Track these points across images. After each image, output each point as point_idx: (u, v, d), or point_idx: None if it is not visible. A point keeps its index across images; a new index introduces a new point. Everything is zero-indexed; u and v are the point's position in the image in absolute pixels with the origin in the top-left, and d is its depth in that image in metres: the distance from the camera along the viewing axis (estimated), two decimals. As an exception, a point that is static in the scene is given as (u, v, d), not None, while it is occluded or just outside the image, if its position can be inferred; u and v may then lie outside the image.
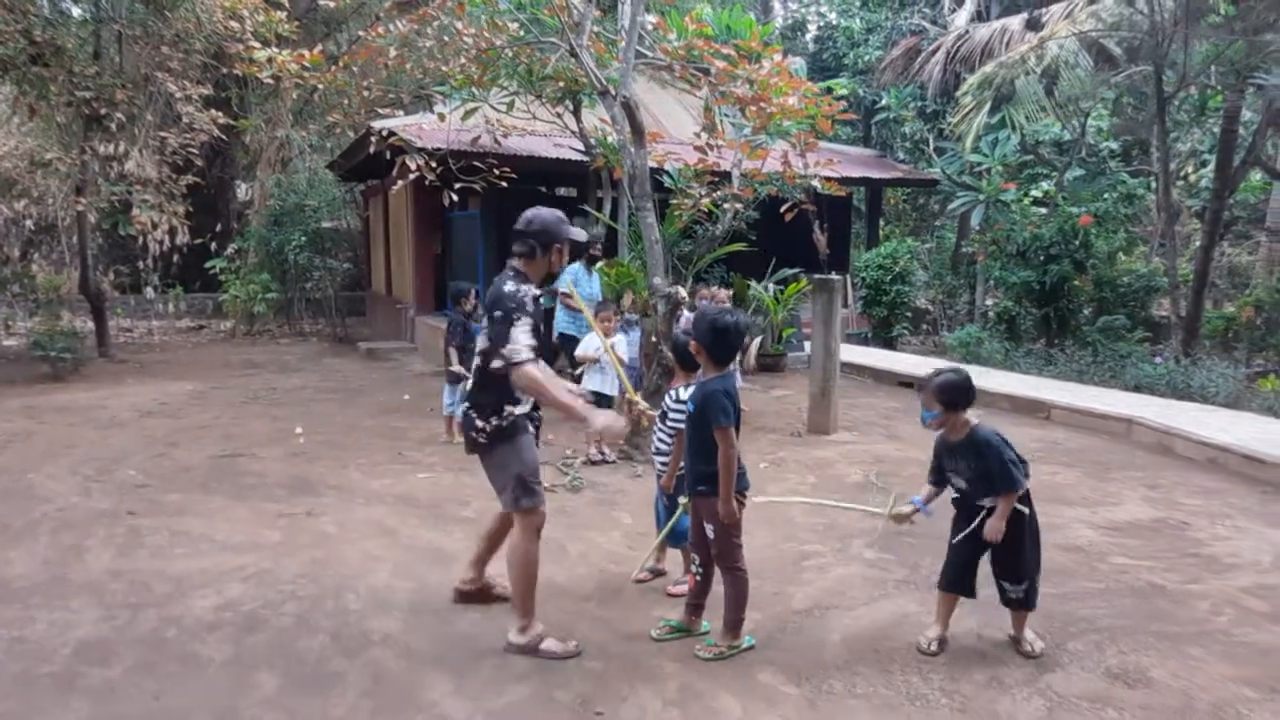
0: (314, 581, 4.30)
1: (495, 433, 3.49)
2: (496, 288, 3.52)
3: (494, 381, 3.45)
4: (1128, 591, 4.26)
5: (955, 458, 3.60)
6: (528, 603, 3.57)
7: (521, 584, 3.56)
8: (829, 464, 6.83)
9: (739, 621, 3.61)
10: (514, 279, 3.53)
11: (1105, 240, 12.44)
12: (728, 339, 3.55)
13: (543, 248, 3.62)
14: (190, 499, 5.72)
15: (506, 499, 3.58)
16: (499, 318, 3.40)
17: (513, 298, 3.43)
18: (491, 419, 3.48)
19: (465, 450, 3.67)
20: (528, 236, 3.60)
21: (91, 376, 11.15)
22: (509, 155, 11.09)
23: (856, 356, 11.75)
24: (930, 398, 3.57)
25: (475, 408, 3.53)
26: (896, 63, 14.83)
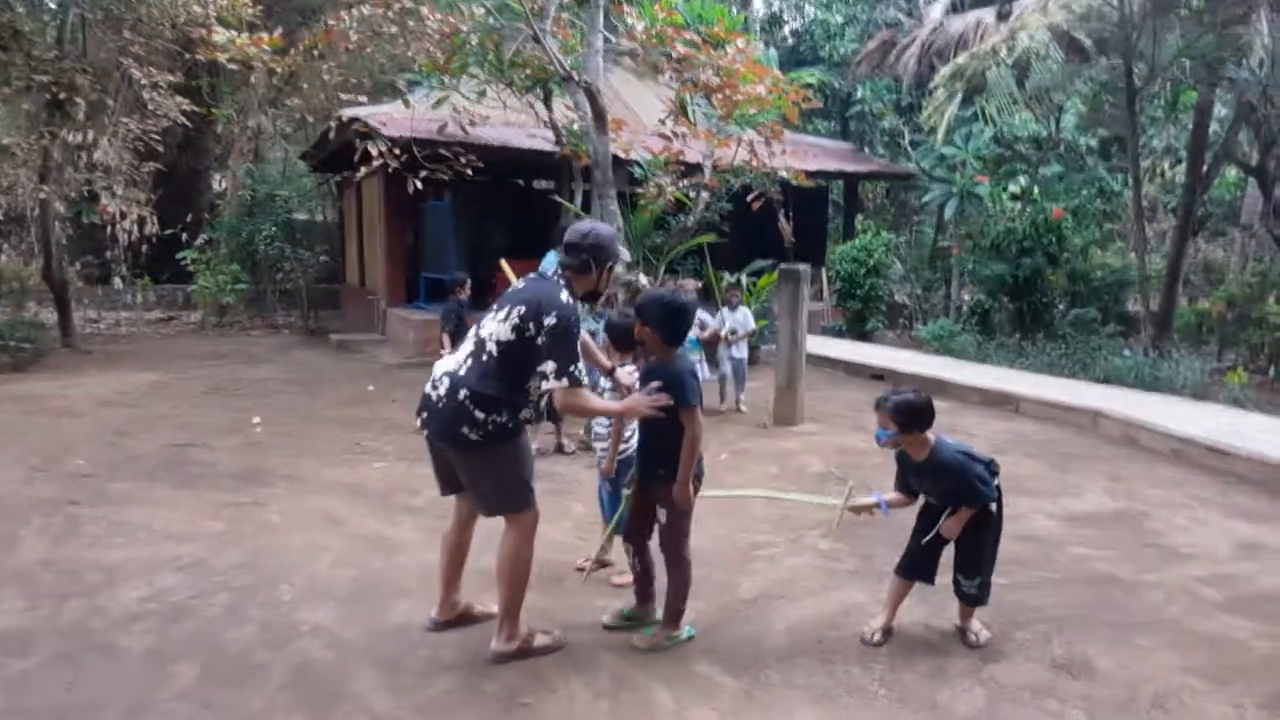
0: (250, 571, 4.18)
1: (498, 432, 3.17)
2: (548, 292, 3.20)
3: (504, 381, 3.16)
4: (1082, 581, 4.21)
5: (919, 478, 3.52)
6: (518, 610, 3.34)
7: (516, 590, 3.31)
8: (792, 455, 6.76)
9: (680, 612, 3.52)
10: (567, 289, 3.25)
11: (1080, 235, 12.43)
12: (680, 320, 3.42)
13: (597, 264, 3.32)
14: (135, 488, 5.58)
15: (503, 503, 3.30)
16: (557, 328, 3.10)
17: (573, 310, 3.19)
18: (494, 416, 3.14)
19: (434, 440, 3.28)
20: (582, 250, 3.30)
21: (53, 366, 10.93)
22: (479, 145, 10.97)
23: (829, 349, 11.70)
24: (885, 417, 3.42)
25: (474, 398, 3.13)
26: (872, 55, 14.77)
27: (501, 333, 3.19)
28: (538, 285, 3.28)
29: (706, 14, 9.86)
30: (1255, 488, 5.75)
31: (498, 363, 3.18)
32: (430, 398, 3.26)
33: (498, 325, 3.21)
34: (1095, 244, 13.28)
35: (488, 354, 3.20)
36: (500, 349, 3.18)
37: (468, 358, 3.25)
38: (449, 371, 3.24)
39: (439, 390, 3.22)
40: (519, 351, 3.17)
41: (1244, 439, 6.34)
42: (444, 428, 3.20)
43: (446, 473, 3.39)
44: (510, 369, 3.18)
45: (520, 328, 3.16)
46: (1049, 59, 10.65)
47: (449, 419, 3.17)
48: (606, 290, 3.59)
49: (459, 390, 3.17)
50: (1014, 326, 12.37)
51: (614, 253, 3.39)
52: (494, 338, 3.20)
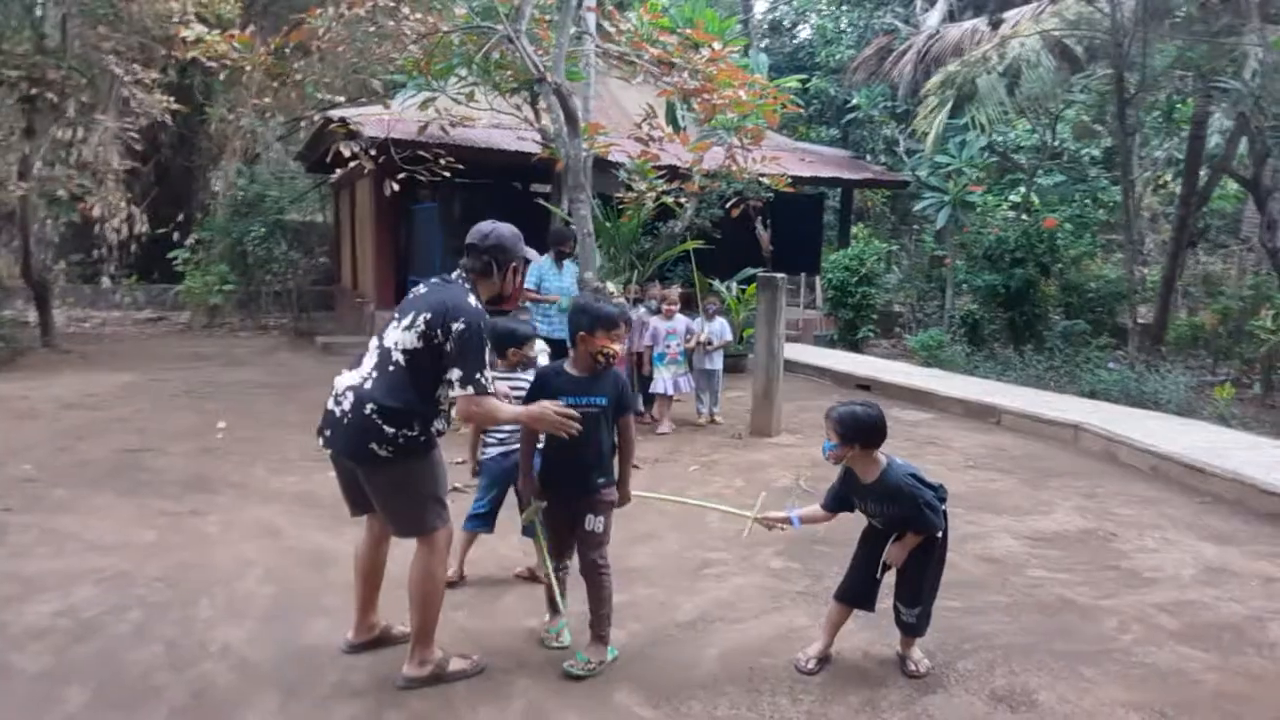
0: (171, 586, 4.03)
1: (409, 446, 3.03)
2: (454, 297, 3.06)
3: (413, 391, 3.02)
4: (1035, 606, 4.02)
5: (865, 500, 3.36)
6: (431, 633, 3.18)
7: (430, 612, 3.15)
8: (762, 467, 6.59)
9: (607, 632, 3.39)
10: (474, 295, 3.12)
11: (1074, 245, 12.25)
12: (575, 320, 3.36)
13: (499, 265, 3.20)
14: (76, 495, 5.44)
15: (412, 524, 3.14)
16: (465, 334, 2.97)
17: (481, 315, 3.06)
18: (404, 430, 3.01)
19: (337, 456, 3.14)
20: (482, 252, 3.19)
21: (28, 366, 10.83)
22: (465, 147, 10.83)
23: (816, 358, 11.53)
24: (830, 428, 3.28)
25: (382, 413, 2.98)
26: (868, 62, 14.62)
27: (407, 341, 3.04)
28: (442, 290, 3.13)
29: (699, 18, 9.73)
30: (1230, 509, 5.55)
31: (405, 373, 3.04)
32: (334, 414, 3.10)
33: (402, 334, 3.05)
34: (1092, 255, 13.10)
35: (394, 364, 3.05)
36: (407, 358, 3.04)
37: (372, 370, 3.09)
38: (352, 385, 3.08)
39: (343, 405, 3.06)
40: (427, 360, 3.03)
41: (1223, 458, 6.15)
42: (351, 445, 3.05)
43: (355, 491, 3.23)
44: (418, 379, 3.04)
45: (427, 335, 3.00)
46: (1040, 66, 10.48)
47: (356, 435, 3.02)
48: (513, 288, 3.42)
49: (365, 404, 3.01)
50: (1005, 337, 12.19)
51: (517, 253, 3.27)
52: (399, 346, 3.05)
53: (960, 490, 6.05)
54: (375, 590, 3.41)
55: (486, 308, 3.17)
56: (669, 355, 7.77)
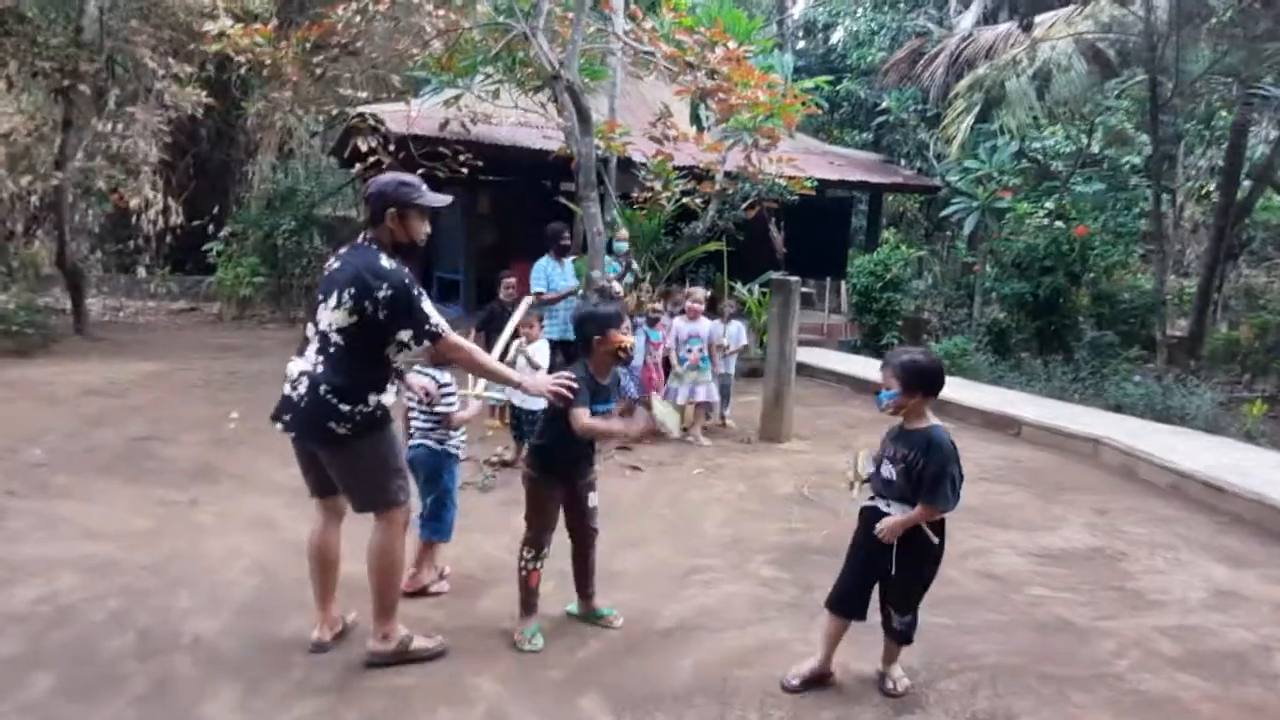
0: (156, 575, 4.04)
1: (365, 422, 3.11)
2: (368, 263, 3.08)
3: (360, 363, 3.11)
4: (1031, 626, 3.89)
5: (899, 443, 3.17)
6: (393, 608, 3.26)
7: (388, 589, 3.24)
8: (766, 473, 6.48)
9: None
10: (384, 254, 3.14)
11: (1107, 254, 11.93)
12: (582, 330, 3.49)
13: (374, 213, 3.19)
14: (80, 481, 5.50)
15: (374, 498, 3.22)
16: (395, 298, 3.04)
17: (401, 273, 3.11)
18: (360, 406, 3.09)
19: (300, 440, 3.22)
20: (367, 204, 3.24)
21: (59, 353, 11.02)
22: (489, 144, 10.86)
23: (836, 364, 11.37)
24: (890, 375, 3.14)
25: (336, 392, 3.06)
26: (900, 65, 14.38)
27: (339, 320, 3.08)
28: (354, 259, 3.15)
29: (726, 18, 9.64)
30: (1249, 530, 5.34)
31: (346, 350, 3.10)
32: (291, 399, 3.15)
33: (332, 314, 3.09)
34: (1126, 265, 12.75)
35: (334, 345, 3.10)
36: (345, 336, 3.09)
37: (318, 354, 3.14)
38: (305, 371, 3.13)
39: (299, 390, 3.12)
40: (363, 333, 3.09)
41: (1247, 477, 5.92)
42: (309, 426, 3.13)
43: (316, 473, 3.30)
44: (360, 353, 3.11)
45: (357, 309, 3.05)
46: (1071, 70, 10.21)
47: (313, 417, 3.09)
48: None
49: (319, 386, 3.08)
50: (1033, 347, 11.93)
51: (398, 198, 3.17)
52: (334, 327, 3.09)
53: (970, 503, 5.86)
54: (334, 579, 3.42)
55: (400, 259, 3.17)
56: (690, 360, 7.37)
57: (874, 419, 9.17)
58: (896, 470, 3.15)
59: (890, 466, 3.18)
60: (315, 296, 3.21)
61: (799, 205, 11.21)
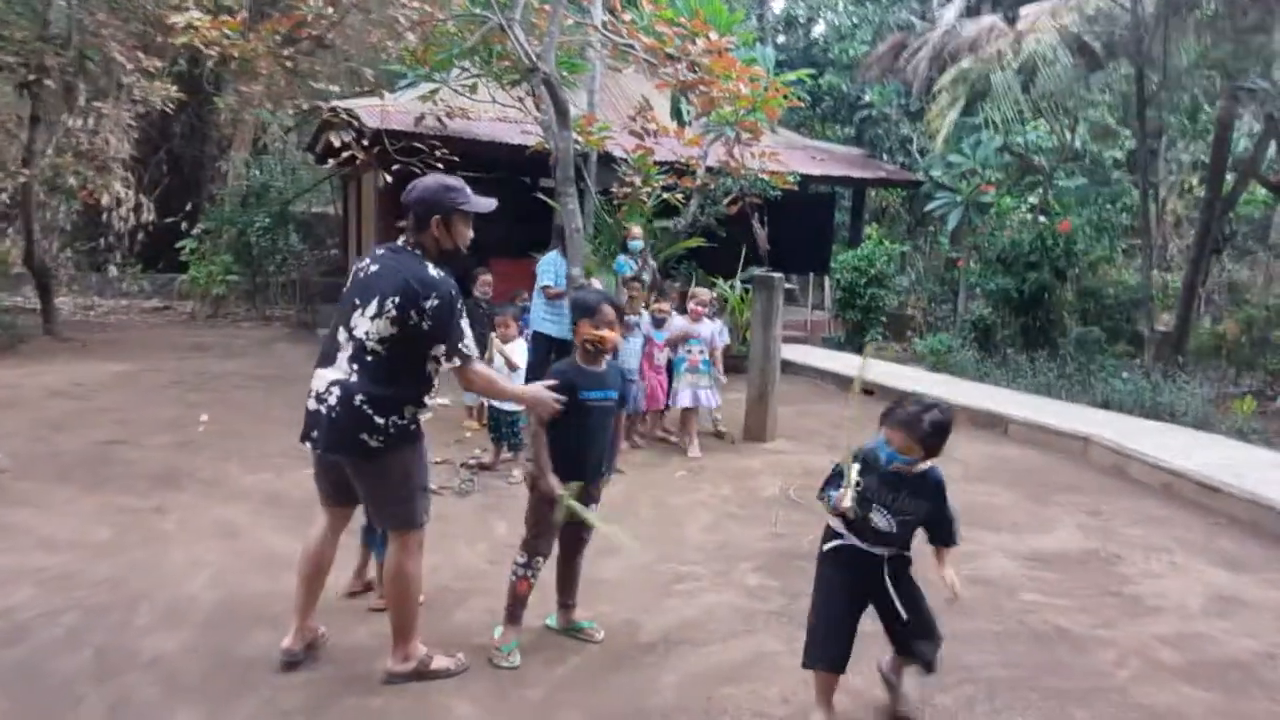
0: (115, 589, 3.84)
1: (400, 434, 2.98)
2: (416, 273, 2.94)
3: (401, 374, 2.98)
4: (1026, 635, 3.76)
5: (897, 490, 2.87)
6: (412, 628, 3.15)
7: (407, 608, 3.13)
8: (751, 474, 6.34)
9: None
10: (430, 262, 3.02)
11: (1092, 249, 11.88)
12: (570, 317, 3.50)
13: (422, 220, 3.04)
14: (40, 488, 5.28)
15: (398, 516, 3.09)
16: (441, 309, 2.93)
17: (448, 284, 2.99)
18: (394, 418, 2.96)
19: (328, 453, 3.01)
20: (409, 209, 3.08)
21: (26, 354, 10.73)
22: (467, 139, 10.64)
23: (820, 360, 11.26)
24: (909, 440, 2.80)
25: (372, 402, 2.92)
26: (883, 58, 14.28)
27: (380, 329, 2.94)
28: (399, 266, 3.00)
29: (706, 10, 9.47)
30: (1245, 532, 5.25)
31: (386, 361, 2.97)
32: (319, 412, 2.99)
33: (372, 323, 2.95)
34: (1111, 260, 12.71)
35: (372, 353, 2.96)
36: (386, 346, 2.96)
37: (351, 362, 2.98)
38: (337, 380, 2.97)
39: (328, 401, 2.97)
40: (405, 343, 2.97)
41: (1240, 476, 5.83)
42: (341, 438, 2.96)
43: (337, 484, 3.15)
44: (401, 364, 2.99)
45: (400, 319, 2.92)
46: (1057, 64, 10.13)
47: (347, 428, 2.94)
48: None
49: (354, 396, 2.94)
50: (1018, 343, 11.86)
51: (445, 203, 3.05)
52: (373, 336, 2.95)
53: (957, 504, 5.78)
54: (317, 594, 3.29)
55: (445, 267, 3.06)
56: (689, 362, 7.01)
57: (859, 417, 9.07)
58: (897, 522, 2.87)
59: (888, 517, 2.87)
60: (349, 300, 3.04)
61: (782, 200, 11.09)
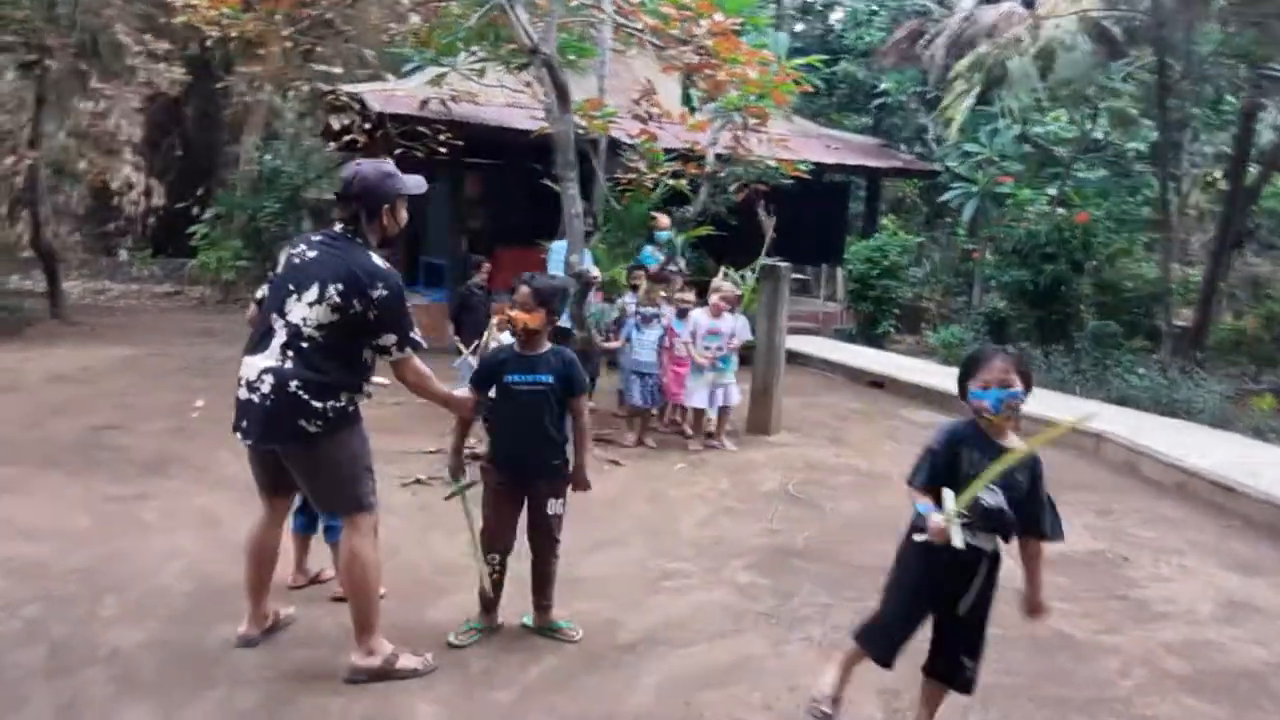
0: (86, 580, 3.74)
1: (339, 418, 2.91)
2: (361, 262, 2.90)
3: (338, 361, 2.91)
4: (1027, 642, 3.59)
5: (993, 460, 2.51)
6: (374, 618, 3.04)
7: (367, 599, 3.02)
8: (753, 468, 6.19)
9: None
10: (374, 251, 2.98)
11: (1108, 241, 11.59)
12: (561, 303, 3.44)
13: (370, 212, 3.00)
14: (26, 474, 5.21)
15: (344, 499, 3.03)
16: (390, 299, 2.89)
17: (395, 275, 2.98)
18: (333, 402, 2.89)
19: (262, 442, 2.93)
20: (351, 200, 3.00)
21: (32, 338, 10.71)
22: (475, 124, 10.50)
23: (829, 352, 11.07)
24: (1011, 369, 2.52)
25: (308, 388, 2.84)
26: (899, 45, 13.99)
27: (319, 316, 2.87)
28: (341, 254, 2.93)
29: (720, -5, 9.26)
30: (1260, 534, 5.05)
31: (324, 347, 2.90)
32: (251, 401, 2.90)
33: (310, 309, 2.88)
34: (1130, 253, 12.42)
35: (309, 340, 2.89)
36: (324, 333, 2.89)
37: (285, 348, 2.89)
38: (269, 368, 2.88)
39: (261, 389, 2.87)
40: (344, 331, 2.90)
41: (1256, 476, 5.63)
42: (279, 427, 2.88)
43: (272, 473, 3.08)
44: (339, 351, 2.92)
45: (343, 306, 2.86)
46: (1076, 50, 9.83)
47: (284, 416, 2.86)
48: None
49: (288, 383, 2.85)
50: (1034, 337, 11.62)
51: (390, 192, 3.02)
52: (310, 322, 2.88)
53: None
54: (269, 575, 3.24)
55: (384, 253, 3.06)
56: (705, 359, 6.58)
57: (865, 411, 8.93)
58: (1008, 498, 2.52)
59: (994, 496, 2.50)
60: (283, 286, 2.94)
61: (794, 189, 10.86)
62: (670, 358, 6.76)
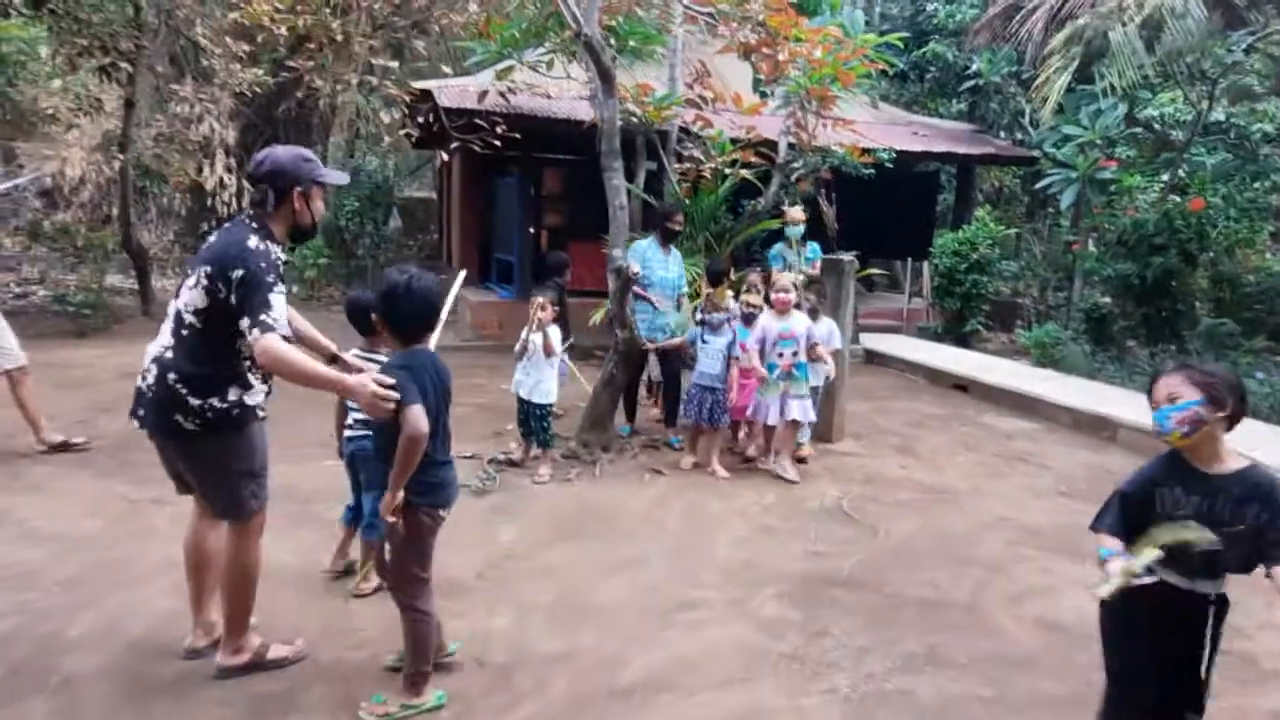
0: (72, 591, 3.60)
1: (217, 419, 2.81)
2: (233, 241, 2.78)
3: (213, 353, 2.80)
4: (1098, 701, 3.03)
5: (1205, 498, 2.22)
6: (244, 620, 3.01)
7: (240, 600, 2.99)
8: (805, 480, 5.66)
9: (420, 675, 2.80)
10: (257, 235, 2.81)
11: (1228, 231, 10.48)
12: (399, 306, 2.71)
13: (278, 192, 2.87)
14: (57, 473, 5.20)
15: (229, 502, 2.96)
16: (246, 280, 2.69)
17: (262, 256, 2.75)
18: (211, 400, 2.79)
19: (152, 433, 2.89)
20: (258, 181, 2.91)
21: (118, 334, 11.04)
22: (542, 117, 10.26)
23: (910, 352, 10.38)
24: (1185, 384, 2.21)
25: (185, 382, 2.77)
26: (993, 22, 13.04)
27: (194, 300, 2.77)
28: (224, 236, 2.81)
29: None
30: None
31: (198, 336, 2.79)
32: (140, 389, 2.85)
33: (189, 292, 2.79)
34: (1251, 244, 11.20)
35: (188, 327, 2.80)
36: (200, 319, 2.78)
37: (171, 336, 2.79)
38: (156, 356, 2.79)
39: (148, 378, 2.82)
40: (216, 317, 2.76)
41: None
42: (158, 418, 2.82)
43: (175, 467, 2.99)
44: (213, 341, 2.79)
45: (211, 290, 2.74)
46: (1187, 17, 8.85)
47: (161, 408, 2.80)
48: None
49: (167, 374, 2.78)
50: (1139, 336, 10.63)
51: (301, 176, 2.89)
52: (189, 307, 2.79)
53: (1038, 522, 5.02)
54: (207, 580, 3.08)
55: (289, 241, 2.98)
56: (781, 366, 5.66)
57: (944, 416, 8.25)
58: (1222, 536, 2.18)
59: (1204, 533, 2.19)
60: (187, 272, 2.86)
61: (878, 180, 10.21)
62: (739, 370, 5.85)
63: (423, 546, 2.77)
